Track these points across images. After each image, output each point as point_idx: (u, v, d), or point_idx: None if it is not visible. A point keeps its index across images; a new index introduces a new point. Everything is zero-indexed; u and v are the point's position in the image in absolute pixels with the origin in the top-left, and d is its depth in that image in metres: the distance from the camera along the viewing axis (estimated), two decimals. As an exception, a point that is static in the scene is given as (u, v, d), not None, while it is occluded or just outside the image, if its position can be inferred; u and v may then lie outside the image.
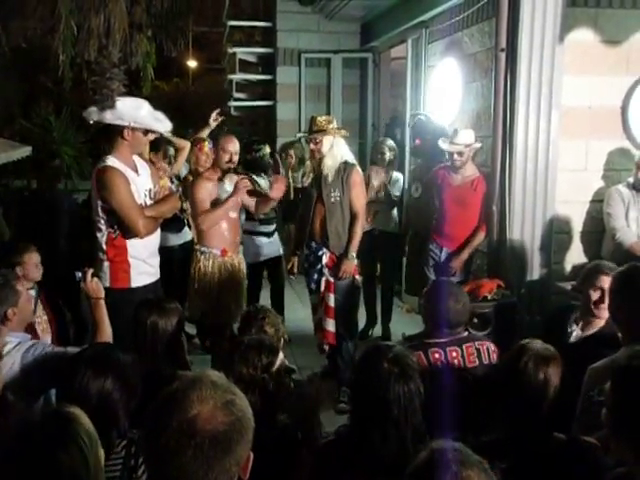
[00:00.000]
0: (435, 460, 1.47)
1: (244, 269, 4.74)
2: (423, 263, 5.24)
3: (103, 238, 3.75)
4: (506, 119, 4.77)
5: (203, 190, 4.49)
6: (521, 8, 4.60)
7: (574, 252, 5.16)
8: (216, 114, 6.12)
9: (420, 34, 6.62)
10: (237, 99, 9.21)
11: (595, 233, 5.09)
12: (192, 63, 21.16)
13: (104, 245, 3.75)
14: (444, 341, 3.01)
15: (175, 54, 13.58)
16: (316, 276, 4.74)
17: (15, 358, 2.77)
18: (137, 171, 3.82)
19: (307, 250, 4.81)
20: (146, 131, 3.81)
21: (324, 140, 4.60)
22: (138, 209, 3.70)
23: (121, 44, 11.74)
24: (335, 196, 4.61)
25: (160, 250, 4.05)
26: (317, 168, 4.71)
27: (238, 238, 4.75)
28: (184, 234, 5.64)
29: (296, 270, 5.05)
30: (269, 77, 8.75)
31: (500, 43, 4.72)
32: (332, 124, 4.66)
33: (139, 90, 12.37)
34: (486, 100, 5.26)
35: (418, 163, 5.90)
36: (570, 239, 5.15)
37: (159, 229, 3.96)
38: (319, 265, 4.70)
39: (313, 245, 4.76)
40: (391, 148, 6.00)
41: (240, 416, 1.35)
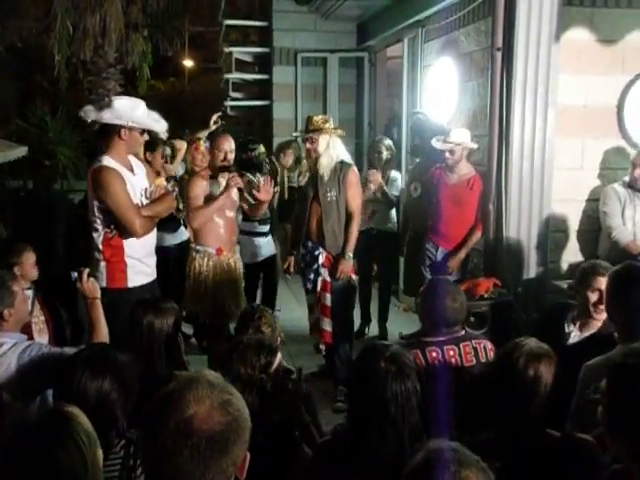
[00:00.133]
0: (432, 460, 1.47)
1: (240, 269, 4.72)
2: (419, 262, 5.25)
3: (99, 238, 3.74)
4: (502, 118, 4.77)
5: (197, 188, 4.49)
6: (517, 7, 4.61)
7: (570, 251, 5.16)
8: (217, 117, 6.12)
9: (416, 33, 6.62)
10: (233, 98, 9.20)
11: (591, 232, 5.11)
12: (188, 62, 21.15)
13: (100, 245, 3.74)
14: (441, 340, 3.01)
15: (171, 53, 13.60)
16: (312, 276, 4.73)
17: (11, 359, 2.76)
18: (133, 171, 3.82)
19: (303, 250, 4.81)
20: (142, 131, 3.82)
21: (320, 139, 4.60)
22: (134, 209, 3.70)
23: (117, 44, 11.75)
24: (331, 196, 4.60)
25: (156, 250, 4.05)
26: (313, 167, 4.71)
27: (234, 237, 4.73)
28: (180, 234, 5.64)
29: (292, 270, 5.05)
30: (265, 76, 8.74)
31: (496, 42, 4.72)
32: (328, 123, 4.65)
33: (135, 90, 12.38)
34: (482, 99, 5.26)
35: (417, 162, 5.89)
36: (566, 238, 5.16)
37: (155, 229, 3.96)
38: (315, 265, 4.69)
39: (309, 245, 4.75)
40: (388, 147, 5.99)
41: (237, 416, 1.35)
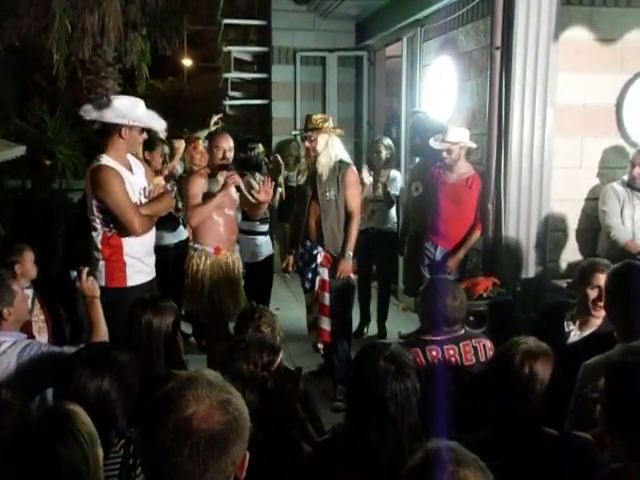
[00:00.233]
0: (431, 460, 1.47)
1: (239, 268, 4.71)
2: (419, 262, 5.25)
3: (98, 237, 3.74)
4: (501, 117, 4.77)
5: (196, 186, 4.48)
6: (516, 6, 4.61)
7: (569, 250, 5.17)
8: (218, 118, 6.12)
9: (415, 32, 6.62)
10: (232, 98, 9.20)
11: (590, 231, 5.11)
12: (187, 62, 21.15)
13: (99, 244, 3.74)
14: (441, 339, 3.01)
15: (170, 53, 13.60)
16: (311, 275, 4.73)
17: (11, 357, 2.76)
18: (131, 170, 3.82)
19: (302, 249, 4.80)
20: (142, 130, 3.82)
21: (319, 138, 4.59)
22: (134, 207, 3.70)
23: (116, 43, 11.74)
24: (330, 195, 4.60)
25: (155, 249, 4.05)
26: (312, 166, 4.70)
27: (234, 237, 4.72)
28: (179, 233, 5.64)
29: (291, 269, 5.04)
30: (264, 76, 8.73)
31: (495, 41, 4.73)
32: (328, 122, 4.65)
33: (134, 89, 12.37)
34: (481, 98, 5.26)
35: (418, 162, 5.89)
36: (565, 237, 5.16)
37: (154, 228, 3.96)
38: (314, 264, 4.69)
39: (308, 244, 4.75)
40: (387, 147, 5.98)
41: (236, 415, 1.35)
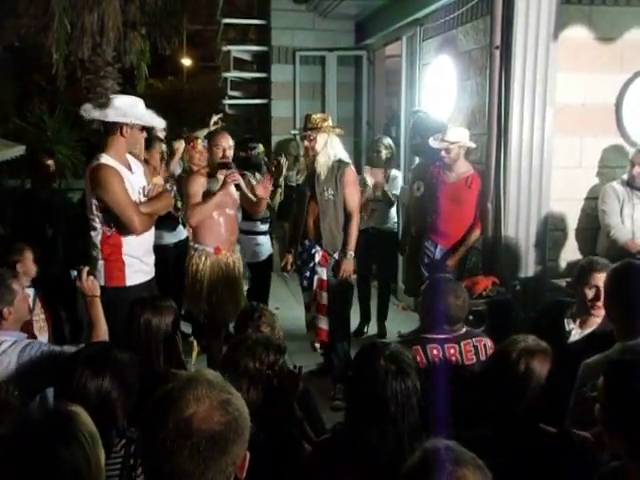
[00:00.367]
0: (429, 460, 1.47)
1: (240, 268, 4.71)
2: (418, 261, 5.25)
3: (97, 237, 3.74)
4: (501, 116, 4.77)
5: (196, 185, 4.48)
6: (515, 5, 4.61)
7: (569, 249, 5.17)
8: (217, 118, 6.13)
9: (415, 32, 6.62)
10: (232, 97, 9.20)
11: (590, 230, 5.11)
12: (186, 61, 21.14)
13: (98, 243, 3.74)
14: (442, 338, 3.01)
15: (169, 52, 13.60)
16: (309, 274, 4.74)
17: (11, 357, 2.76)
18: (130, 169, 3.83)
19: (300, 248, 4.81)
20: (142, 128, 3.83)
21: (318, 138, 4.59)
22: (134, 206, 3.71)
23: (115, 42, 11.74)
24: (328, 194, 4.60)
25: (155, 248, 4.06)
26: (311, 166, 4.71)
27: (234, 237, 4.71)
28: (179, 232, 5.63)
29: (290, 268, 5.04)
30: (264, 75, 8.73)
31: (494, 40, 4.73)
32: (327, 122, 4.65)
33: (133, 88, 12.37)
34: (481, 98, 5.26)
35: (419, 162, 5.88)
36: (565, 236, 5.16)
37: (153, 227, 3.96)
38: (312, 263, 4.70)
39: (306, 243, 4.76)
40: (387, 146, 5.98)
41: (236, 415, 1.35)
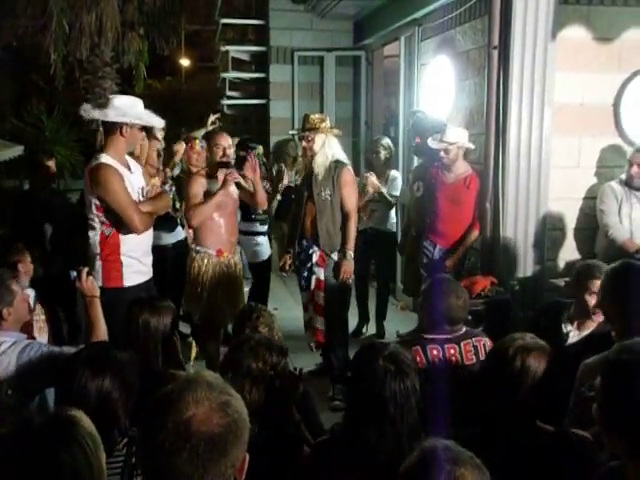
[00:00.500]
0: (427, 460, 1.47)
1: (241, 270, 4.71)
2: (417, 261, 5.26)
3: (96, 237, 3.75)
4: (499, 116, 4.78)
5: (197, 186, 4.48)
6: (513, 5, 4.61)
7: (567, 249, 5.17)
8: (215, 118, 6.13)
9: (413, 32, 6.62)
10: (230, 97, 9.20)
11: (588, 230, 5.12)
12: (185, 61, 21.11)
13: (97, 244, 3.75)
14: (442, 338, 3.01)
15: (167, 52, 13.57)
16: (306, 274, 4.74)
17: (10, 357, 2.76)
18: (130, 169, 3.83)
19: (298, 248, 4.82)
20: (141, 128, 3.83)
21: (316, 138, 4.60)
22: (135, 205, 3.71)
23: (113, 42, 11.71)
24: (325, 194, 4.61)
25: (153, 249, 4.06)
26: (309, 166, 4.72)
27: (235, 238, 4.71)
28: (177, 233, 5.63)
29: (288, 268, 5.04)
30: (262, 75, 8.73)
31: (493, 40, 4.73)
32: (325, 122, 4.65)
33: (131, 88, 12.35)
34: (479, 98, 5.26)
35: (420, 162, 5.88)
36: (563, 236, 5.16)
37: (152, 228, 3.97)
38: (309, 263, 4.70)
39: (304, 243, 4.76)
40: (386, 147, 5.98)
41: (236, 417, 1.34)
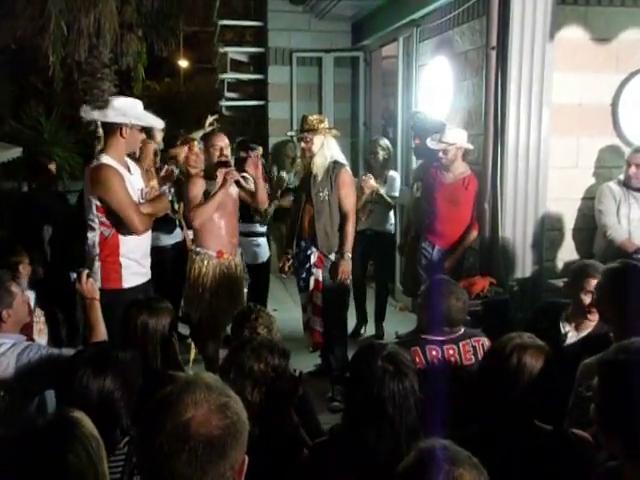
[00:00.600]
0: (425, 460, 1.47)
1: (242, 271, 4.70)
2: (416, 262, 5.26)
3: (95, 238, 3.75)
4: (497, 117, 4.78)
5: (196, 187, 4.48)
6: (511, 6, 4.62)
7: (566, 249, 5.18)
8: (213, 119, 6.15)
9: (411, 33, 6.63)
10: (228, 99, 9.19)
11: (586, 230, 5.12)
12: (183, 63, 21.09)
13: (96, 245, 3.75)
14: (441, 339, 3.02)
15: (166, 54, 13.55)
16: (305, 275, 4.75)
17: (10, 359, 2.77)
18: (130, 170, 3.83)
19: (296, 249, 4.83)
20: (141, 129, 3.84)
21: (315, 139, 4.61)
22: (135, 206, 3.72)
23: (112, 44, 11.70)
24: (323, 195, 4.61)
25: (152, 250, 4.05)
26: (307, 167, 4.72)
27: (235, 239, 4.70)
28: (176, 234, 5.63)
29: (287, 269, 5.04)
30: (260, 76, 8.73)
31: (491, 41, 4.74)
32: (323, 123, 4.66)
33: (130, 90, 12.33)
34: (477, 98, 5.27)
35: (420, 163, 5.88)
36: (562, 236, 5.17)
37: (150, 230, 3.96)
38: (308, 264, 4.71)
39: (302, 244, 4.77)
40: (384, 147, 5.98)
41: (235, 419, 1.34)
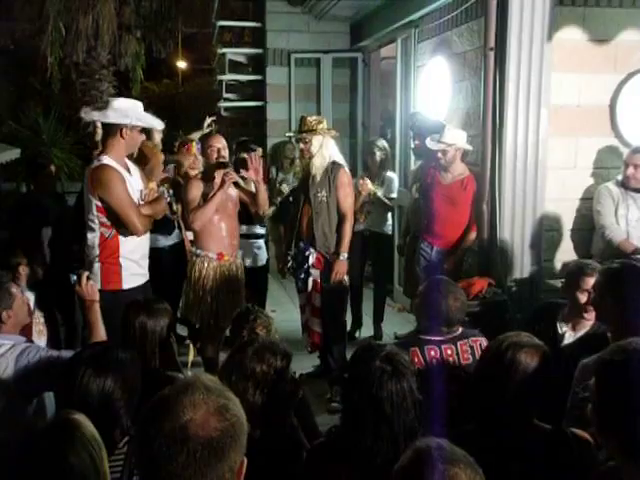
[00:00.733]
0: (421, 459, 1.47)
1: (243, 274, 4.67)
2: (415, 262, 5.26)
3: (95, 239, 3.74)
4: (495, 118, 4.79)
5: (194, 190, 4.47)
6: (509, 7, 4.63)
7: (564, 250, 5.18)
8: (211, 120, 6.17)
9: (409, 33, 6.63)
10: (227, 100, 9.20)
11: (585, 231, 5.12)
12: (182, 64, 21.09)
13: (96, 246, 3.75)
14: (440, 339, 3.03)
15: (164, 55, 13.55)
16: (303, 275, 4.75)
17: (9, 360, 2.77)
18: (129, 171, 3.84)
19: (295, 249, 4.83)
20: (141, 130, 3.84)
21: (313, 140, 4.61)
22: (136, 207, 3.73)
23: (110, 45, 11.70)
24: (322, 196, 4.62)
25: (150, 251, 4.06)
26: (306, 168, 4.73)
27: (236, 241, 4.67)
28: (174, 236, 5.63)
29: (286, 270, 5.04)
30: (259, 77, 8.73)
31: (489, 42, 4.74)
32: (322, 124, 4.66)
33: (128, 91, 12.33)
34: (475, 99, 5.28)
35: (420, 163, 5.88)
36: (560, 237, 5.17)
37: (149, 232, 3.97)
38: (306, 265, 4.71)
39: (301, 245, 4.77)
40: (381, 148, 5.99)
41: (234, 421, 1.33)
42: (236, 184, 4.59)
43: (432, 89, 6.13)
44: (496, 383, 2.21)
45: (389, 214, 6.07)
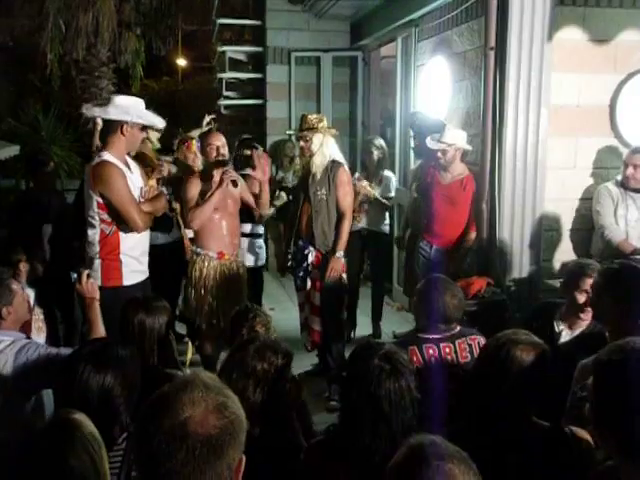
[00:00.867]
0: (415, 456, 1.47)
1: (244, 273, 4.66)
2: (414, 262, 5.27)
3: (95, 235, 3.75)
4: (495, 117, 4.79)
5: (193, 188, 4.46)
6: (510, 6, 4.63)
7: (563, 250, 5.18)
8: (210, 118, 6.17)
9: (410, 33, 6.63)
10: (227, 98, 9.20)
11: (584, 231, 5.13)
12: (181, 62, 21.10)
13: (96, 243, 3.75)
14: (438, 337, 3.04)
15: (164, 52, 13.58)
16: (302, 274, 4.75)
17: (8, 357, 2.77)
18: (130, 168, 3.84)
19: (294, 248, 4.84)
20: (142, 128, 3.84)
21: (314, 138, 4.61)
22: (136, 203, 3.73)
23: (110, 42, 11.72)
24: (321, 194, 4.62)
25: (150, 249, 4.06)
26: (306, 166, 4.74)
27: (237, 239, 4.65)
28: (173, 233, 5.63)
29: (286, 269, 5.05)
30: (259, 76, 8.73)
31: (489, 41, 4.74)
32: (323, 122, 4.67)
33: (128, 89, 12.35)
34: (475, 99, 5.28)
35: (420, 163, 5.87)
36: (559, 237, 5.17)
37: (149, 229, 3.97)
38: (305, 263, 4.71)
39: (300, 243, 4.78)
40: (379, 147, 5.98)
41: (233, 419, 1.34)
42: (234, 182, 4.53)
43: (432, 88, 6.13)
44: (493, 379, 2.22)
45: (387, 213, 6.07)
